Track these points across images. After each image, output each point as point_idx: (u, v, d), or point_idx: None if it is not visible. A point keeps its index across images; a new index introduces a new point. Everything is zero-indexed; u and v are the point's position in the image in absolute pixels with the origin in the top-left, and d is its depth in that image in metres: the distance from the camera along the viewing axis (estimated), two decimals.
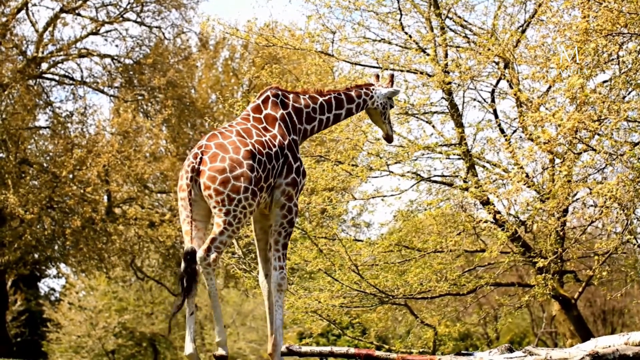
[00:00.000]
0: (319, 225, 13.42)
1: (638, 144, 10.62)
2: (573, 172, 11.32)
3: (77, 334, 33.88)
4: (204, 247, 7.13)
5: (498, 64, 12.60)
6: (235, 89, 25.52)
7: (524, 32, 12.59)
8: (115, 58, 23.10)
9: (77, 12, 22.30)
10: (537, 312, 29.10)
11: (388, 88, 8.46)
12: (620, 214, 10.71)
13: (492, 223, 12.44)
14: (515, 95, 11.80)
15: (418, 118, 13.20)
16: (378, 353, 7.19)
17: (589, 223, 11.67)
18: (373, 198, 13.50)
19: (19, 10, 21.58)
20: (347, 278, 12.52)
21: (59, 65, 22.98)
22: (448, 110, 12.98)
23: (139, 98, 23.38)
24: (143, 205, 23.61)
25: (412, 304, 14.49)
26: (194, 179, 7.23)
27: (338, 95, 8.21)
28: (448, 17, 13.09)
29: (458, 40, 13.34)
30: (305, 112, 7.99)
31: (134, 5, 22.74)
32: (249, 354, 35.11)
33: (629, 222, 10.82)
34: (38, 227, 21.57)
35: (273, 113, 7.78)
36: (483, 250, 12.31)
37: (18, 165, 21.06)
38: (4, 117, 21.12)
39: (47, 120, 23.15)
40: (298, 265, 13.30)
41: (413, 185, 13.17)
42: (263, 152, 7.41)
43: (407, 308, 13.98)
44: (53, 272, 33.62)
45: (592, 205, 11.38)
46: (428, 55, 12.75)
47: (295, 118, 7.91)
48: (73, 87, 22.68)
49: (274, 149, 7.53)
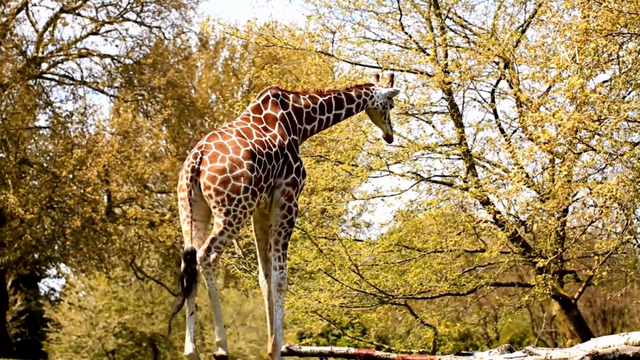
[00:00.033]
0: (319, 225, 13.41)
1: (638, 144, 10.61)
2: (573, 172, 11.31)
3: (77, 334, 33.87)
4: (204, 247, 7.12)
5: (498, 64, 12.59)
6: (235, 89, 25.51)
7: (524, 32, 12.58)
8: (115, 58, 23.10)
9: (77, 12, 22.29)
10: (537, 312, 29.09)
11: (388, 88, 8.45)
12: (620, 214, 10.71)
13: (492, 223, 12.44)
14: (515, 95, 11.79)
15: (418, 118, 13.19)
16: (378, 353, 7.18)
17: (589, 223, 11.66)
18: (373, 198, 13.50)
19: (19, 10, 21.57)
20: (347, 278, 12.51)
21: (59, 65, 22.99)
22: (448, 110, 12.98)
23: (139, 98, 23.36)
24: (143, 205, 23.60)
25: (412, 304, 14.48)
26: (194, 179, 7.23)
27: (338, 96, 8.20)
28: (448, 17, 13.09)
29: (458, 40, 13.34)
30: (305, 112, 7.98)
31: (134, 5, 22.74)
32: (249, 354, 35.09)
33: (629, 222, 10.82)
34: (38, 227, 21.56)
35: (273, 113, 7.78)
36: (483, 250, 12.30)
37: (18, 165, 21.05)
38: (4, 117, 21.11)
39: (47, 120, 23.17)
40: (298, 265, 13.30)
41: (413, 185, 13.17)
42: (263, 152, 7.40)
43: (407, 308, 13.97)
44: (53, 272, 33.66)
45: (592, 205, 11.37)
46: (428, 55, 12.75)
47: (295, 118, 7.90)
48: (73, 87, 22.67)
49: (274, 149, 7.52)
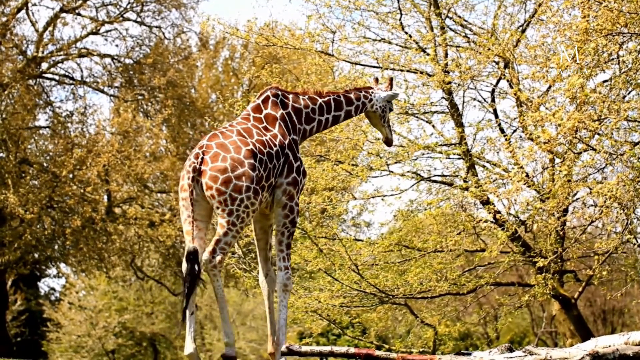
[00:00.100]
0: (319, 225, 13.41)
1: (638, 144, 10.61)
2: (573, 171, 11.31)
3: (77, 334, 33.88)
4: (209, 249, 7.13)
5: (498, 64, 12.59)
6: (235, 89, 25.51)
7: (524, 31, 12.58)
8: (115, 58, 23.09)
9: (77, 11, 22.29)
10: (537, 311, 29.09)
11: (387, 91, 8.47)
12: (620, 214, 10.71)
13: (492, 223, 12.44)
14: (515, 95, 11.79)
15: (418, 118, 13.20)
16: (378, 353, 7.18)
17: (589, 223, 11.67)
18: (373, 198, 13.50)
19: (19, 10, 21.56)
20: (347, 278, 12.52)
21: (59, 65, 22.98)
22: (448, 110, 12.98)
23: (139, 98, 23.35)
24: (143, 205, 23.60)
25: (412, 304, 14.48)
26: (196, 179, 7.23)
27: (337, 97, 8.21)
28: (448, 16, 13.09)
29: (458, 40, 13.34)
30: (305, 112, 8.00)
31: (134, 5, 22.74)
32: (249, 354, 35.08)
33: (629, 221, 10.82)
34: (38, 226, 21.56)
35: (273, 113, 7.79)
36: (483, 250, 12.31)
37: (18, 165, 21.04)
38: (4, 116, 21.10)
39: (47, 120, 23.16)
40: (298, 265, 13.30)
41: (413, 185, 13.17)
42: (264, 151, 7.41)
43: (407, 308, 13.97)
44: (53, 271, 33.67)
45: (592, 205, 11.37)
46: (428, 55, 12.75)
47: (295, 118, 7.91)
48: (73, 86, 22.67)
49: (275, 148, 7.53)
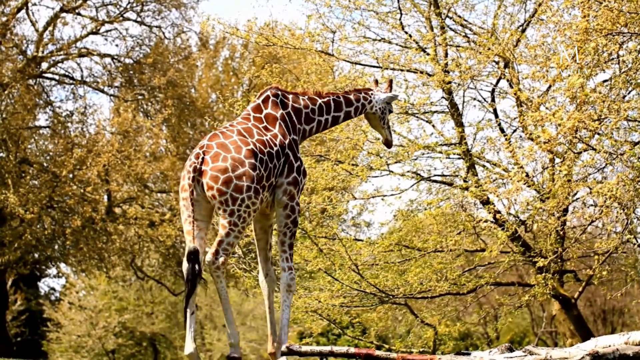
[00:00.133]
0: (319, 225, 13.40)
1: (638, 144, 10.61)
2: (573, 171, 11.31)
3: (77, 334, 33.89)
4: (212, 250, 7.14)
5: (498, 64, 12.59)
6: (236, 89, 25.50)
7: (524, 31, 12.58)
8: (116, 57, 23.08)
9: (77, 11, 22.28)
10: (537, 311, 29.09)
11: (387, 93, 8.48)
12: (620, 214, 10.71)
13: (492, 222, 12.44)
14: (515, 95, 11.79)
15: (418, 117, 13.19)
16: (378, 353, 7.17)
17: (589, 222, 11.66)
18: (373, 197, 13.50)
19: (19, 10, 21.56)
20: (347, 278, 12.52)
21: (59, 65, 22.97)
22: (448, 110, 12.98)
23: (139, 98, 23.34)
24: (143, 205, 23.59)
25: (412, 304, 14.49)
26: (196, 179, 7.23)
27: (337, 98, 8.23)
28: (448, 16, 13.09)
29: (458, 40, 13.34)
30: (305, 112, 8.01)
31: (134, 5, 22.72)
32: (249, 354, 35.08)
33: (629, 221, 10.81)
34: (38, 226, 21.55)
35: (273, 113, 7.80)
36: (483, 250, 12.30)
37: (18, 165, 21.04)
38: (4, 116, 21.10)
39: (47, 120, 23.15)
40: (298, 265, 13.29)
41: (413, 185, 13.17)
42: (264, 151, 7.41)
43: (407, 307, 13.98)
44: (53, 271, 33.67)
45: (592, 205, 11.37)
46: (428, 55, 12.75)
47: (295, 118, 7.93)
48: (73, 86, 22.66)
49: (275, 148, 7.54)
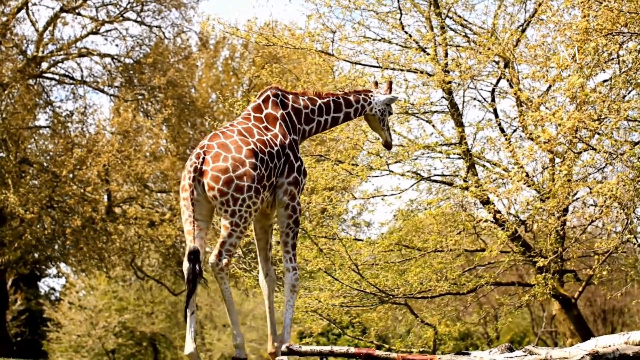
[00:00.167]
0: (319, 225, 13.41)
1: (638, 143, 10.61)
2: (573, 171, 11.31)
3: (77, 334, 33.89)
4: (215, 252, 7.15)
5: (498, 63, 12.59)
6: (236, 89, 25.50)
7: (524, 31, 12.58)
8: (116, 57, 23.08)
9: (77, 11, 22.27)
10: (537, 311, 29.09)
11: (386, 95, 8.48)
12: (620, 213, 10.71)
13: (492, 222, 12.44)
14: (516, 95, 11.79)
15: (418, 117, 13.20)
16: (378, 352, 7.17)
17: (589, 222, 11.67)
18: (373, 197, 13.50)
19: (19, 10, 21.55)
20: (347, 277, 12.52)
21: (59, 65, 22.96)
22: (448, 110, 12.98)
23: (139, 97, 23.33)
24: (143, 205, 23.59)
25: (412, 304, 14.49)
26: (197, 179, 7.23)
27: (336, 99, 8.24)
28: (448, 16, 13.09)
29: (458, 40, 13.34)
30: (304, 112, 8.02)
31: (134, 5, 22.72)
32: (249, 354, 35.09)
33: (629, 221, 10.82)
34: (38, 226, 21.55)
35: (274, 112, 7.81)
36: (483, 250, 12.31)
37: (18, 165, 21.04)
38: (4, 116, 21.10)
39: (47, 120, 23.15)
40: (298, 265, 13.27)
41: (413, 185, 13.18)
42: (265, 150, 7.42)
43: (407, 307, 13.98)
44: (53, 271, 33.65)
45: (592, 205, 11.37)
46: (428, 55, 12.75)
47: (295, 118, 7.94)
48: (73, 86, 22.65)
49: (276, 148, 7.55)
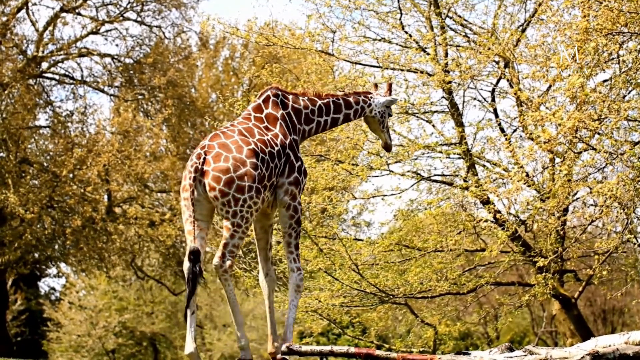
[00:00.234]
0: (319, 225, 13.41)
1: (638, 143, 10.61)
2: (573, 171, 11.31)
3: (77, 334, 33.89)
4: (218, 254, 7.15)
5: (498, 63, 12.59)
6: (236, 89, 25.50)
7: (524, 31, 12.58)
8: (116, 57, 23.08)
9: (77, 11, 22.28)
10: (537, 311, 29.10)
11: (386, 97, 8.49)
12: (621, 213, 10.71)
13: (492, 222, 12.44)
14: (516, 95, 11.79)
15: (418, 117, 13.20)
16: (378, 352, 7.17)
17: (589, 222, 11.67)
18: (373, 197, 13.50)
19: (19, 10, 21.56)
20: (347, 277, 12.52)
21: (59, 65, 22.97)
22: (448, 110, 12.98)
23: (139, 97, 23.34)
24: (143, 205, 23.60)
25: (412, 303, 14.49)
26: (198, 179, 7.24)
27: (336, 100, 8.25)
28: (448, 16, 13.09)
29: (458, 40, 13.34)
30: (304, 113, 8.03)
31: (134, 5, 22.73)
32: None
33: (629, 221, 10.82)
34: (38, 226, 21.56)
35: (274, 112, 7.81)
36: (483, 250, 12.31)
37: (18, 165, 21.05)
38: (4, 116, 21.10)
39: (47, 120, 23.16)
40: None
41: (413, 185, 13.17)
42: (266, 150, 7.43)
43: (407, 307, 13.98)
44: (53, 271, 33.64)
45: (592, 205, 11.37)
46: (428, 55, 12.75)
47: (295, 118, 7.95)
48: (73, 86, 22.66)
49: (276, 148, 7.55)
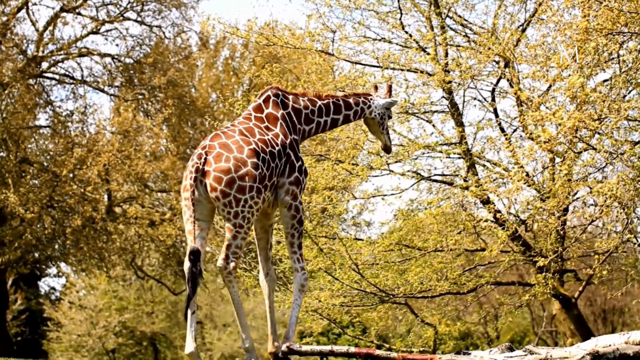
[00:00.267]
0: (320, 224, 13.41)
1: (638, 143, 10.61)
2: (573, 171, 11.31)
3: (77, 333, 33.89)
4: (222, 256, 7.16)
5: (498, 63, 12.59)
6: (236, 88, 25.51)
7: (524, 31, 12.58)
8: (116, 57, 23.08)
9: (77, 11, 22.28)
10: (537, 311, 29.11)
11: (386, 98, 8.50)
12: (621, 213, 10.71)
13: (492, 222, 12.44)
14: (516, 94, 11.79)
15: (418, 117, 13.20)
16: (378, 352, 7.17)
17: (589, 222, 11.67)
18: (373, 197, 13.50)
19: (19, 10, 21.56)
20: (347, 277, 12.52)
21: (59, 65, 22.97)
22: (448, 109, 12.98)
23: (139, 97, 23.34)
24: (143, 205, 23.60)
25: (412, 303, 14.49)
26: (198, 179, 7.24)
27: (336, 101, 8.27)
28: (448, 16, 13.09)
29: (458, 40, 13.34)
30: (304, 113, 8.05)
31: (134, 5, 22.73)
32: None
33: (629, 221, 10.82)
34: (38, 226, 21.56)
35: (274, 112, 7.82)
36: (483, 249, 12.30)
37: (18, 165, 21.05)
38: (5, 116, 21.11)
39: (47, 120, 23.17)
40: None
41: (413, 184, 13.17)
42: (266, 150, 7.43)
43: (407, 307, 13.98)
44: (53, 271, 33.65)
45: (592, 204, 11.37)
46: (428, 55, 12.75)
47: (295, 118, 7.97)
48: (73, 86, 22.66)
49: (277, 148, 7.56)
